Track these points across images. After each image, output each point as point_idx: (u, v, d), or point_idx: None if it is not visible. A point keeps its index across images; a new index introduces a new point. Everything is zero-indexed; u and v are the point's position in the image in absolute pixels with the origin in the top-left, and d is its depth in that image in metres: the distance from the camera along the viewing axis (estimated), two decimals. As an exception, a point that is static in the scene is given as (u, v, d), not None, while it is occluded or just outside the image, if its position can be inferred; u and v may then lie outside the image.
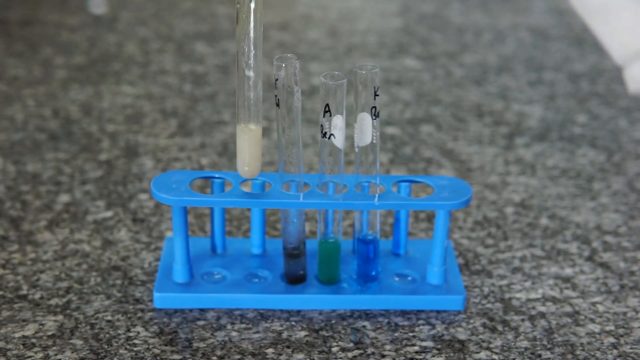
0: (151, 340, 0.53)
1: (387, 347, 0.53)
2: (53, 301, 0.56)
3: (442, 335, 0.55)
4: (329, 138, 0.52)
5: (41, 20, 1.07)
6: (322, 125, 0.52)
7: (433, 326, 0.55)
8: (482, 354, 0.53)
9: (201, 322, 0.55)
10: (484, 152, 0.78)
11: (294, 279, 0.57)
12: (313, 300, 0.56)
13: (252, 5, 0.49)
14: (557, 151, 0.79)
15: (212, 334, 0.54)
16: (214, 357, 0.52)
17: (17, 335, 0.53)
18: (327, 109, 0.51)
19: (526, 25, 1.12)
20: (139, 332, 0.54)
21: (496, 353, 0.53)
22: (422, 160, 0.77)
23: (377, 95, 0.52)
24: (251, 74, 0.50)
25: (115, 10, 1.12)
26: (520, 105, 0.88)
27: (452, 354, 0.53)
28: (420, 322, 0.56)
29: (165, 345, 0.53)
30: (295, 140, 0.52)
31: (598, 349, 0.54)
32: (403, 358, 0.53)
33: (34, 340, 0.53)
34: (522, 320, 0.56)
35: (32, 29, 1.04)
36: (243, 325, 0.55)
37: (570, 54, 1.03)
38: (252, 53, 0.50)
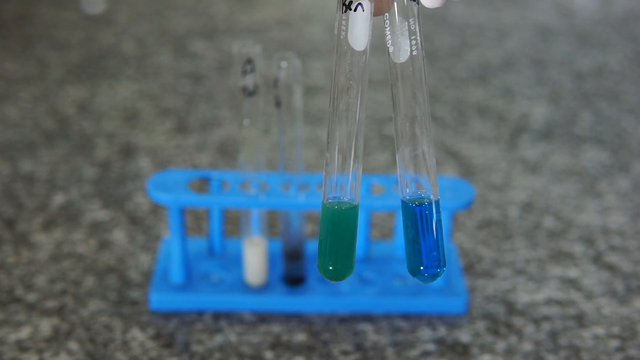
0: (148, 343, 0.52)
1: (389, 350, 0.53)
2: (48, 303, 0.55)
3: (445, 338, 0.54)
4: (355, 10, 0.36)
5: (36, 17, 1.06)
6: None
7: (435, 329, 0.54)
8: (485, 358, 0.52)
9: (199, 325, 0.54)
10: (488, 152, 0.77)
11: (294, 281, 0.57)
12: (313, 303, 0.56)
13: None
14: (562, 150, 0.78)
15: (210, 337, 0.53)
16: (212, 361, 0.51)
17: (11, 337, 0.52)
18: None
19: (530, 23, 1.11)
20: (135, 335, 0.53)
21: (500, 356, 0.52)
22: (423, 159, 0.76)
23: None
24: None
25: (112, 8, 1.11)
26: (524, 104, 0.88)
27: (454, 358, 0.52)
28: (422, 325, 0.55)
29: (162, 348, 0.52)
30: (295, 140, 0.52)
31: (603, 352, 0.53)
32: (405, 362, 0.52)
33: (28, 343, 0.52)
34: (526, 323, 0.55)
35: (27, 26, 1.03)
36: (241, 328, 0.54)
37: (575, 52, 1.02)
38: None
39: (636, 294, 0.59)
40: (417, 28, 0.36)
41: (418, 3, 0.36)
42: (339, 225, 0.37)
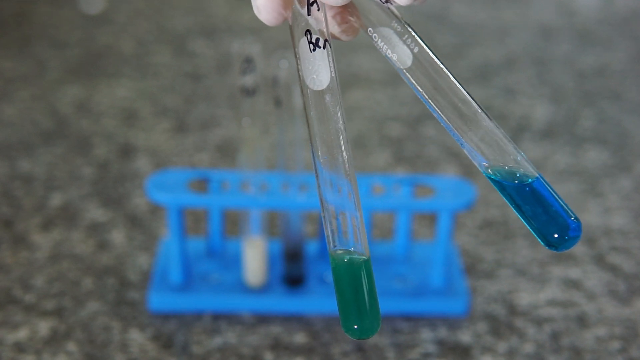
0: (147, 345, 0.52)
1: (389, 351, 0.52)
2: (46, 304, 0.55)
3: (445, 339, 0.53)
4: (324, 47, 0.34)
5: (34, 16, 1.06)
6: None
7: (436, 330, 0.54)
8: (486, 359, 0.52)
9: (198, 326, 0.54)
10: (488, 151, 0.77)
11: (294, 281, 0.56)
12: (313, 303, 0.55)
13: None
14: (564, 150, 0.78)
15: (209, 338, 0.53)
16: (211, 363, 0.51)
17: (9, 339, 0.52)
18: None
19: (532, 22, 1.11)
20: (134, 336, 0.53)
21: (501, 357, 0.52)
22: (424, 159, 0.76)
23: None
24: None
25: (111, 6, 1.11)
26: (525, 104, 0.87)
27: (455, 359, 0.52)
28: (423, 325, 0.54)
29: (161, 349, 0.52)
30: (295, 139, 0.52)
31: (605, 353, 0.53)
32: (405, 363, 0.51)
33: (26, 344, 0.52)
34: (528, 324, 0.55)
35: (25, 25, 1.03)
36: (241, 329, 0.54)
37: (577, 51, 1.01)
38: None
39: (638, 295, 0.58)
40: (405, 27, 0.34)
41: (392, 3, 0.34)
42: (354, 280, 0.32)
